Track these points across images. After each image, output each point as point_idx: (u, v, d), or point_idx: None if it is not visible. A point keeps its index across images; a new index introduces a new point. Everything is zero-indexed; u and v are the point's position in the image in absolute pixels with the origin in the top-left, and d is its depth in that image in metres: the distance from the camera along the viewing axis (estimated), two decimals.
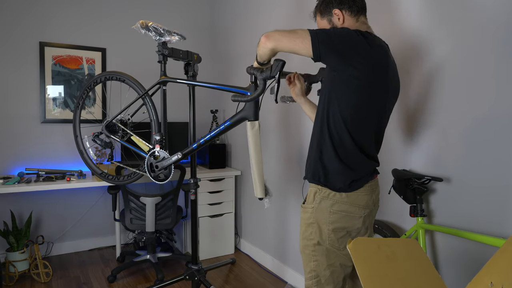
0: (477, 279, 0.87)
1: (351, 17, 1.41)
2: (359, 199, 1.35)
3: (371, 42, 1.28)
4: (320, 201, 1.36)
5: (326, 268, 1.39)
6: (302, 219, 1.44)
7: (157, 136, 1.92)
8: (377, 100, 1.34)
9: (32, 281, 2.66)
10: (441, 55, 1.63)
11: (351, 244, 1.00)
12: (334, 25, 1.42)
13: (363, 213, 1.36)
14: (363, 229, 1.38)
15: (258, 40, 1.34)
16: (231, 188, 3.22)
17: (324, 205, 1.35)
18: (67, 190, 3.20)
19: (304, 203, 1.45)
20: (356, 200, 1.35)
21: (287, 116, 2.68)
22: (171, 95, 3.59)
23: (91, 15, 3.24)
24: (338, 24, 1.41)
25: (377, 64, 1.30)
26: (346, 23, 1.41)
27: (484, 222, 1.48)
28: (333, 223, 1.35)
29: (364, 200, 1.36)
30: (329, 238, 1.36)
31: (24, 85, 3.01)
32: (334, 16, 1.42)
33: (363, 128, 1.34)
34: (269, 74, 1.44)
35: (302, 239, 1.44)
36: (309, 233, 1.40)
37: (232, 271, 2.89)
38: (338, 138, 1.33)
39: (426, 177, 1.62)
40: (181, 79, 1.97)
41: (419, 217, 1.62)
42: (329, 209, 1.35)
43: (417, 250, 1.10)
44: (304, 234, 1.43)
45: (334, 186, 1.34)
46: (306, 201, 1.44)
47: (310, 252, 1.41)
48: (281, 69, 1.40)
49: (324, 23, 1.45)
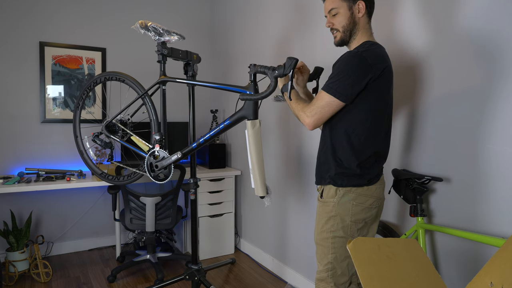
0: (477, 279, 0.87)
1: (367, 16, 1.47)
2: (376, 191, 1.46)
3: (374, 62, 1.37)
4: (343, 195, 1.44)
5: (343, 260, 1.45)
6: (322, 212, 1.49)
7: (156, 136, 1.92)
8: (388, 102, 1.47)
9: (32, 281, 2.66)
10: (441, 53, 1.63)
11: (351, 244, 1.00)
12: (352, 14, 1.45)
13: (378, 203, 1.47)
14: (376, 219, 1.51)
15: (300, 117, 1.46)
16: (231, 188, 3.22)
17: (347, 198, 1.43)
18: (67, 190, 3.20)
19: (321, 197, 1.50)
20: (375, 192, 1.45)
21: (286, 115, 2.67)
22: (171, 95, 3.59)
23: (91, 15, 3.24)
24: (356, 16, 1.45)
25: (386, 74, 1.41)
26: (363, 19, 1.46)
27: (484, 222, 1.48)
28: (354, 215, 1.43)
29: (380, 191, 1.48)
30: (350, 229, 1.44)
31: (24, 85, 3.01)
32: (357, 6, 1.44)
33: (378, 130, 1.45)
34: (282, 72, 1.45)
35: (321, 231, 1.48)
36: (330, 225, 1.45)
37: (232, 271, 2.89)
38: (357, 142, 1.42)
39: (426, 177, 1.61)
40: (180, 79, 1.97)
41: (419, 217, 1.62)
42: (352, 202, 1.43)
43: (417, 250, 1.09)
44: (324, 227, 1.47)
45: (353, 184, 1.43)
46: (325, 194, 1.49)
47: (329, 245, 1.45)
48: (294, 67, 1.42)
49: (342, 5, 1.45)
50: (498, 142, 1.42)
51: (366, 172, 1.43)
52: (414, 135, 1.76)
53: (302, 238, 2.55)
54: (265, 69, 1.52)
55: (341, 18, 1.46)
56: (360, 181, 1.43)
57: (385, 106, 1.45)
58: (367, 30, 1.48)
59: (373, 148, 1.44)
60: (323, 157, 1.51)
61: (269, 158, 2.89)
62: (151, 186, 3.21)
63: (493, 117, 1.44)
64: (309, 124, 1.42)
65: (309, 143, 2.45)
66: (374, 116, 1.42)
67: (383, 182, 1.51)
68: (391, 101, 1.50)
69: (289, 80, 1.44)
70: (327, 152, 1.49)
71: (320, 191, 1.55)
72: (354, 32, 1.46)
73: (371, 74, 1.36)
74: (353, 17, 1.45)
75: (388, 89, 1.45)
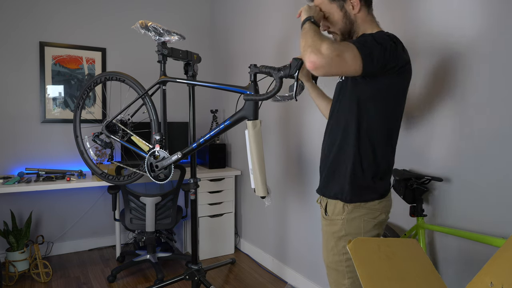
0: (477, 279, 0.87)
1: (365, 7, 1.30)
2: (387, 204, 1.31)
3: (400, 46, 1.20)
4: (352, 211, 1.26)
5: (360, 285, 1.29)
6: (329, 232, 1.31)
7: (157, 136, 1.92)
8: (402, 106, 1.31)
9: (32, 281, 2.66)
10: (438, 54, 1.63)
11: (351, 244, 1.00)
12: (346, 12, 1.29)
13: (387, 217, 1.32)
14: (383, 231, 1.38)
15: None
16: (231, 188, 3.22)
17: (357, 214, 1.26)
18: (67, 190, 3.20)
19: (326, 214, 1.33)
20: (385, 206, 1.30)
21: (286, 115, 2.67)
22: (171, 95, 3.59)
23: (91, 15, 3.24)
24: (351, 13, 1.28)
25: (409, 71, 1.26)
26: (361, 13, 1.29)
27: (484, 222, 1.48)
28: (366, 232, 1.27)
29: (389, 204, 1.33)
30: None
31: (24, 85, 3.01)
32: (349, 2, 1.28)
33: (391, 139, 1.29)
34: (288, 73, 1.42)
35: (332, 254, 1.30)
36: (342, 246, 1.27)
37: (232, 271, 2.89)
38: (370, 151, 1.25)
39: (426, 177, 1.61)
40: (180, 79, 1.97)
41: (419, 217, 1.62)
42: (362, 218, 1.26)
43: (417, 250, 1.09)
44: (334, 249, 1.29)
45: (365, 199, 1.27)
46: (331, 211, 1.31)
47: (343, 268, 1.28)
48: (300, 67, 1.38)
49: (332, 6, 1.30)
50: (498, 142, 1.42)
51: (379, 185, 1.27)
52: (414, 135, 1.76)
53: (302, 238, 2.55)
54: (270, 69, 1.48)
55: (335, 20, 1.31)
56: (373, 195, 1.26)
57: (400, 110, 1.30)
58: (369, 22, 1.31)
59: (390, 158, 1.30)
60: (336, 163, 1.31)
61: (269, 158, 2.89)
62: (151, 186, 3.21)
63: (493, 116, 1.44)
64: (322, 56, 1.08)
65: (310, 142, 2.45)
66: (394, 120, 1.27)
67: (390, 193, 1.38)
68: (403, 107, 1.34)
69: (295, 81, 1.43)
70: (346, 158, 1.28)
71: (323, 206, 1.35)
72: (353, 31, 1.31)
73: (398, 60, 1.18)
74: (348, 16, 1.29)
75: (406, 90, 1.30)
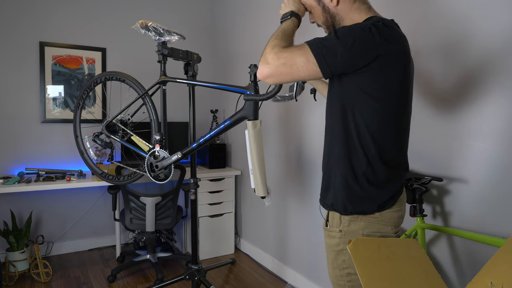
0: (477, 279, 0.87)
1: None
2: (393, 216, 1.16)
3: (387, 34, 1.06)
4: (349, 223, 1.16)
5: None
6: (329, 245, 1.23)
7: (157, 136, 1.92)
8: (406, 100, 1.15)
9: (32, 281, 2.66)
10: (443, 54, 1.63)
11: (351, 244, 1.00)
12: (324, 6, 1.19)
13: (395, 231, 1.17)
14: None
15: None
16: (231, 188, 3.22)
17: (355, 227, 1.15)
18: (67, 190, 3.20)
19: (327, 225, 1.25)
20: (391, 218, 1.16)
21: (286, 115, 2.68)
22: (171, 95, 3.59)
23: (91, 15, 3.24)
24: (330, 6, 1.18)
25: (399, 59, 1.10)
26: (342, 5, 1.17)
27: (484, 222, 1.48)
28: None
29: (396, 217, 1.17)
30: None
31: (24, 85, 3.01)
32: None
33: (392, 142, 1.14)
34: None
35: (333, 268, 1.23)
36: (341, 261, 1.19)
37: (232, 271, 2.89)
38: (365, 160, 1.12)
39: (426, 177, 1.61)
40: (181, 79, 1.97)
41: (419, 217, 1.62)
42: (361, 232, 1.15)
43: (417, 250, 1.10)
44: (334, 263, 1.22)
45: (363, 211, 1.15)
46: (331, 222, 1.22)
47: (345, 283, 1.21)
48: None
49: (311, 1, 1.22)
50: (498, 142, 1.42)
51: (379, 195, 1.14)
52: (413, 135, 1.76)
53: (302, 238, 2.55)
54: None
55: (317, 14, 1.22)
56: (371, 206, 1.14)
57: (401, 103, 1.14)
58: (356, 11, 1.17)
59: (392, 163, 1.15)
60: (329, 171, 1.21)
61: (269, 158, 2.89)
62: (151, 186, 3.21)
63: (493, 118, 1.44)
64: (268, 66, 1.09)
65: (310, 143, 2.45)
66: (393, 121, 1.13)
67: (401, 203, 1.18)
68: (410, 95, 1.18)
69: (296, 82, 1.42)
70: (336, 166, 1.18)
71: (326, 217, 1.27)
72: (337, 23, 1.20)
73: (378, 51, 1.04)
74: (327, 9, 1.19)
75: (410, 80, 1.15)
